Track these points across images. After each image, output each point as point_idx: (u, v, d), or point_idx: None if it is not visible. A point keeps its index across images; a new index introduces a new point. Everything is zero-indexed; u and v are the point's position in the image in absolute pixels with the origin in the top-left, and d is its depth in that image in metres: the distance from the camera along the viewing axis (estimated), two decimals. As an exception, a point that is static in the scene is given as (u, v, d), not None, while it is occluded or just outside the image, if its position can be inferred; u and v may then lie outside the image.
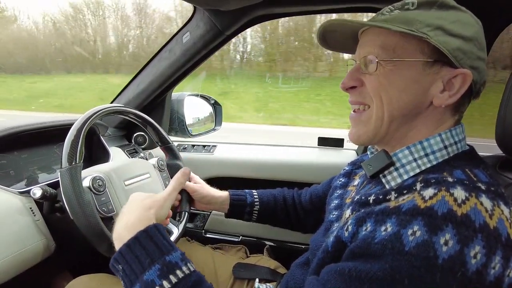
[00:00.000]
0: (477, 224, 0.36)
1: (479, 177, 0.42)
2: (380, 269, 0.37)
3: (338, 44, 0.58)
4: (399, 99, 0.47)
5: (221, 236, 1.21)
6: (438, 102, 0.47)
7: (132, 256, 0.48)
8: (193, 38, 1.00)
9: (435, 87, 0.47)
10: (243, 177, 1.21)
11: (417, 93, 0.47)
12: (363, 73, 0.50)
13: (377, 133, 0.50)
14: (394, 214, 0.40)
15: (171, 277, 0.47)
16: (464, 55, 0.45)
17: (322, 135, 1.29)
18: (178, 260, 0.49)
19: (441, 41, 0.44)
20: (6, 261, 0.65)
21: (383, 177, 0.50)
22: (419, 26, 0.44)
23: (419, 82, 0.47)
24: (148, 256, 0.48)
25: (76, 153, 0.61)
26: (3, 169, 0.79)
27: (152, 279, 0.46)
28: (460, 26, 0.45)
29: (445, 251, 0.35)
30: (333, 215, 0.62)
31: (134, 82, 1.15)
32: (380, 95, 0.48)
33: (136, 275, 0.47)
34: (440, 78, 0.46)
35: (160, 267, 0.47)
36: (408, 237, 0.36)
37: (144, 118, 0.83)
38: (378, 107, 0.49)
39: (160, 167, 0.85)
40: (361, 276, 0.38)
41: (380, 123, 0.49)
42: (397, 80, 0.47)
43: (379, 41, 0.48)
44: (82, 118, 0.66)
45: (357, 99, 0.52)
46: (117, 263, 0.49)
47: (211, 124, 1.43)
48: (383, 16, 0.49)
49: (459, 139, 0.48)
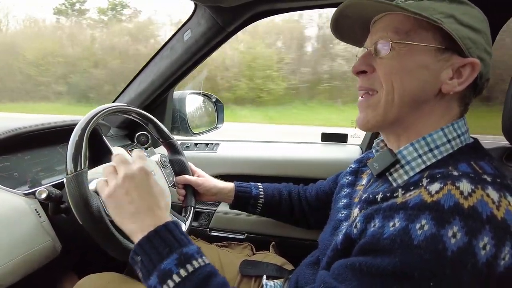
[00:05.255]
0: (484, 215, 0.36)
1: (485, 169, 0.43)
2: (390, 263, 0.37)
3: (348, 34, 0.58)
4: (410, 84, 0.48)
5: (226, 234, 1.21)
6: (447, 88, 0.47)
7: (151, 247, 0.50)
8: (194, 36, 1.00)
9: (445, 74, 0.47)
10: (247, 175, 1.20)
11: (427, 79, 0.47)
12: (375, 59, 0.50)
13: (386, 117, 0.50)
14: (401, 210, 0.40)
15: (188, 266, 0.48)
16: (473, 44, 0.46)
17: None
18: (195, 252, 0.51)
19: (453, 28, 0.45)
20: (13, 263, 0.65)
21: (390, 175, 0.50)
22: (432, 12, 0.45)
23: (430, 68, 0.47)
24: (167, 246, 0.50)
25: (81, 157, 0.61)
26: (6, 171, 0.79)
27: (170, 268, 0.48)
28: (470, 17, 0.46)
29: (453, 243, 0.35)
30: (342, 214, 0.62)
31: (135, 81, 1.15)
32: (391, 79, 0.48)
33: (154, 264, 0.49)
34: (450, 66, 0.47)
35: (177, 256, 0.49)
36: (417, 231, 0.37)
37: (146, 116, 0.83)
38: (388, 91, 0.49)
39: (163, 163, 0.84)
40: (372, 271, 0.39)
41: (390, 107, 0.49)
42: (409, 64, 0.47)
43: (392, 26, 0.49)
44: (85, 118, 0.66)
45: (366, 84, 0.52)
46: (136, 255, 0.51)
47: (213, 122, 1.42)
48: (401, 2, 0.50)
49: (462, 132, 0.48)
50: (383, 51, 0.49)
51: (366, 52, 0.52)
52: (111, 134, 1.18)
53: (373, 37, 0.52)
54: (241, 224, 1.18)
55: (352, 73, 0.54)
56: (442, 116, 0.49)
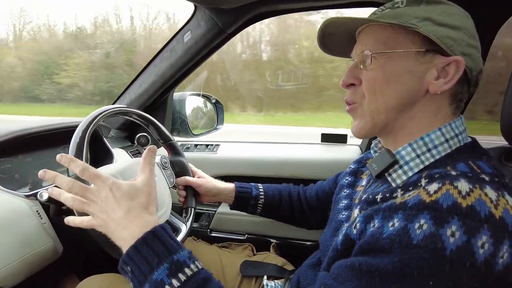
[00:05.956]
0: (483, 214, 0.36)
1: (483, 169, 0.43)
2: (390, 262, 0.38)
3: (338, 48, 0.60)
4: (394, 89, 0.49)
5: (227, 235, 1.21)
6: (434, 89, 0.48)
7: (140, 257, 0.48)
8: (194, 37, 1.00)
9: (430, 75, 0.48)
10: (247, 176, 1.20)
11: (411, 82, 0.48)
12: (361, 71, 0.52)
13: (375, 124, 0.52)
14: (400, 210, 0.41)
15: (180, 275, 0.47)
16: (454, 42, 0.46)
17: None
18: (186, 258, 0.49)
19: (429, 30, 0.46)
20: (15, 264, 0.65)
21: (389, 175, 0.50)
22: (407, 18, 0.47)
23: (413, 72, 0.48)
24: (156, 256, 0.48)
25: (82, 159, 0.61)
26: (8, 173, 0.79)
27: (161, 279, 0.46)
28: (447, 16, 0.47)
29: (452, 242, 0.35)
30: (343, 215, 0.62)
31: (136, 83, 1.15)
32: (374, 88, 0.50)
33: (145, 275, 0.47)
34: (434, 67, 0.48)
35: (168, 265, 0.47)
36: (416, 231, 0.37)
37: (146, 117, 0.83)
38: (371, 100, 0.51)
39: (164, 164, 0.84)
40: (371, 270, 0.39)
41: (377, 115, 0.51)
42: (392, 71, 0.49)
43: (371, 36, 0.51)
44: (86, 120, 0.66)
45: (351, 98, 0.55)
46: (126, 265, 0.49)
47: (213, 123, 1.43)
48: (375, 15, 0.51)
49: (460, 131, 0.49)
50: (366, 63, 0.51)
51: (353, 64, 0.54)
52: (111, 135, 1.18)
53: (357, 49, 0.54)
54: (241, 225, 1.19)
55: (341, 87, 0.56)
56: (435, 115, 0.49)
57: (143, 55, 9.22)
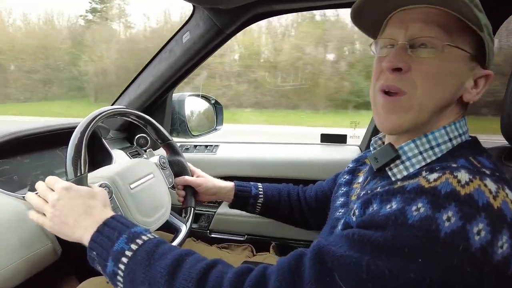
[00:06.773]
0: (480, 203, 0.36)
1: (483, 164, 0.43)
2: (382, 236, 0.38)
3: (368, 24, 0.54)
4: (445, 89, 0.46)
5: (227, 236, 1.21)
6: (468, 97, 0.47)
7: (102, 237, 0.51)
8: (193, 38, 1.00)
9: (469, 83, 0.47)
10: (246, 176, 1.20)
11: (457, 85, 0.47)
12: (411, 56, 0.45)
13: (418, 122, 0.47)
14: (399, 193, 0.41)
15: (138, 241, 0.50)
16: (492, 57, 0.47)
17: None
18: (143, 230, 0.53)
19: (487, 40, 0.44)
20: (13, 266, 0.64)
21: (389, 170, 0.50)
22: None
23: (461, 75, 0.47)
24: (116, 231, 0.51)
25: (81, 162, 0.61)
26: (6, 174, 0.79)
27: (122, 247, 0.49)
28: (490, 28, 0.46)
29: (447, 226, 0.35)
30: (340, 213, 0.62)
31: (134, 84, 1.15)
32: (429, 82, 0.45)
33: (107, 250, 0.50)
34: (472, 76, 0.47)
35: (126, 236, 0.51)
36: (412, 213, 0.37)
37: (144, 118, 0.83)
38: (426, 93, 0.45)
39: (162, 165, 0.84)
40: (363, 240, 0.39)
41: (424, 111, 0.46)
42: (447, 68, 0.45)
43: (435, 20, 0.44)
44: (85, 121, 0.66)
45: (398, 84, 0.46)
46: (92, 251, 0.52)
47: (212, 124, 1.42)
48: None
49: (463, 131, 0.49)
50: (427, 51, 0.44)
51: (401, 47, 0.46)
52: (110, 136, 1.18)
53: (409, 30, 0.46)
54: (241, 226, 1.18)
55: (383, 69, 0.48)
56: (448, 118, 0.49)
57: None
